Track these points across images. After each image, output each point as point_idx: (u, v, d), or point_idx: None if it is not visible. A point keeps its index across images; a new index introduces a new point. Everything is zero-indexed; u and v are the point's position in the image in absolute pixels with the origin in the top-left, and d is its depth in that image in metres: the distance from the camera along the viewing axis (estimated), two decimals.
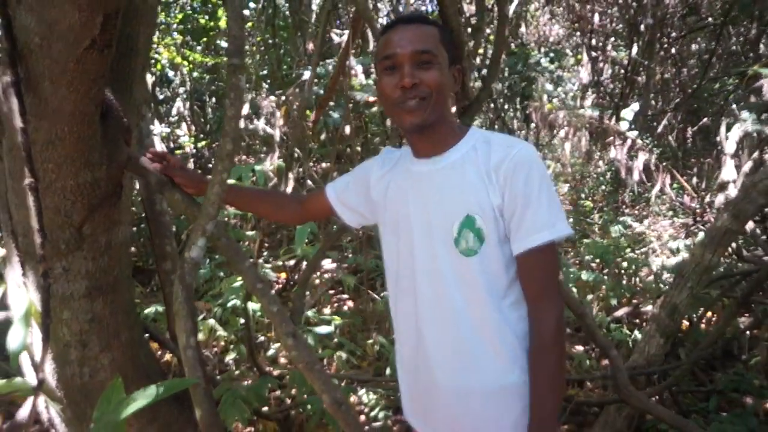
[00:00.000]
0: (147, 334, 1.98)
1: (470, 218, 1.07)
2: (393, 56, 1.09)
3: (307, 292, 3.39)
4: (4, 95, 1.22)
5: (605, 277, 4.10)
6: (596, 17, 6.50)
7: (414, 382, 1.22)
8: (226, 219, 3.53)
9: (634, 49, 7.52)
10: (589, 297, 3.74)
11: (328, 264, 4.68)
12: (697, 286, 2.60)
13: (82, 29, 1.12)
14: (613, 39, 7.09)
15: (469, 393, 1.11)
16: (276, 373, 2.68)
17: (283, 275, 4.59)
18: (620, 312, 3.70)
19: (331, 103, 4.25)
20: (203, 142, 5.36)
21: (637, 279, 4.19)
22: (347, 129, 5.11)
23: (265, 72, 5.73)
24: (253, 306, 2.79)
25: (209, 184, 1.39)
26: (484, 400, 1.10)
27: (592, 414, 2.79)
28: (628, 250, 4.64)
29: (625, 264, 4.26)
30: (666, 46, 8.34)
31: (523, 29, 6.75)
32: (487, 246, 1.06)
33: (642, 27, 7.06)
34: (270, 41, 4.81)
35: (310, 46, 4.51)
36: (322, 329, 2.44)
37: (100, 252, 1.56)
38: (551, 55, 6.46)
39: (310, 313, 2.88)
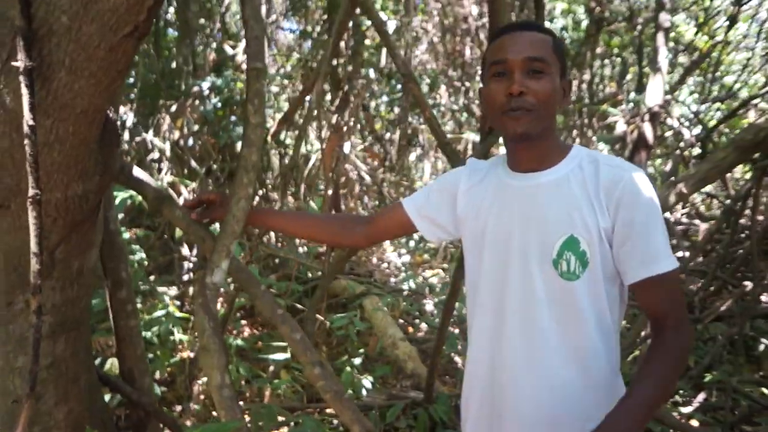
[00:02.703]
0: None
1: (574, 239, 1.02)
2: (504, 62, 1.03)
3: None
4: (4, 83, 0.97)
5: None
6: (468, 51, 7.13)
7: (487, 404, 1.16)
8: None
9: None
10: None
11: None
12: None
13: (128, 12, 0.94)
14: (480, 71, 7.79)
15: (556, 424, 1.06)
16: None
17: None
18: None
19: (233, 118, 4.01)
20: None
21: None
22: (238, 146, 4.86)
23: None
24: (181, 336, 2.50)
25: (233, 199, 1.23)
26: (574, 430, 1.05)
27: None
28: None
29: None
30: None
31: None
32: (591, 271, 1.01)
33: None
34: (153, 51, 4.40)
35: (212, 56, 4.22)
36: (278, 356, 2.25)
37: (70, 280, 1.29)
38: (427, 82, 6.87)
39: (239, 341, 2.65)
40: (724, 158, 2.79)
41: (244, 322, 4.07)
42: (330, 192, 3.92)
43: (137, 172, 1.29)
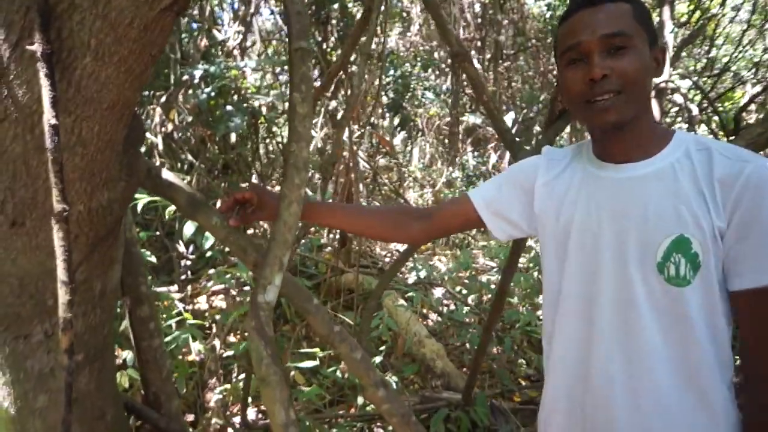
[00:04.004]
0: None
1: (684, 240, 0.88)
2: (577, 46, 0.89)
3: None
4: (15, 73, 0.77)
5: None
6: (461, 32, 6.93)
7: (576, 421, 1.04)
8: None
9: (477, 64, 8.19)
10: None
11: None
12: None
13: None
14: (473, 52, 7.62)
15: None
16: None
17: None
18: None
19: (229, 108, 3.78)
20: None
21: None
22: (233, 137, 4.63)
23: None
24: (198, 346, 2.32)
25: (283, 204, 1.06)
26: None
27: None
28: None
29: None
30: (501, 61, 9.26)
31: (391, 38, 6.88)
32: (703, 275, 0.88)
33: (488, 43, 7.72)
34: None
35: (203, 42, 3.98)
36: (307, 364, 2.09)
37: (92, 304, 1.11)
38: (419, 63, 6.67)
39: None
40: (762, 134, 2.67)
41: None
42: (335, 182, 3.74)
43: (166, 174, 1.11)
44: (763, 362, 0.87)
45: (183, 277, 4.10)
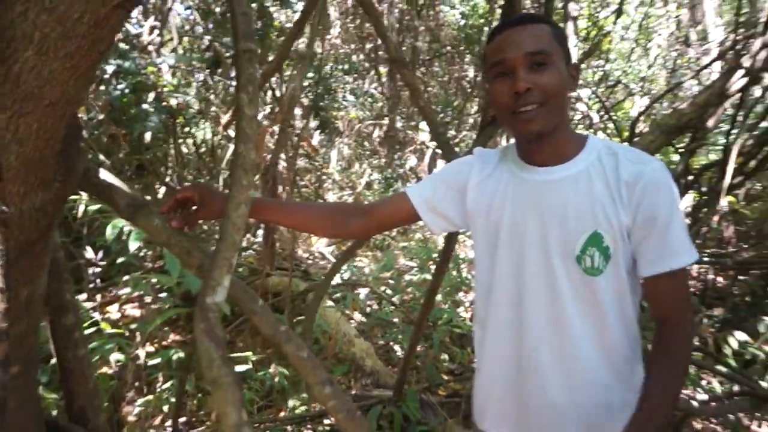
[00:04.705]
0: None
1: (597, 235, 1.00)
2: (503, 61, 1.00)
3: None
4: None
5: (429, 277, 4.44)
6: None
7: (510, 398, 1.13)
8: None
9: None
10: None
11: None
12: None
13: None
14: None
15: (587, 409, 1.06)
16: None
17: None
18: None
19: (145, 106, 3.60)
20: None
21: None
22: (148, 136, 4.43)
23: None
24: (118, 356, 2.19)
25: (231, 205, 1.04)
26: (598, 415, 1.06)
27: None
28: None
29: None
30: (418, 66, 9.54)
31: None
32: (613, 265, 1.01)
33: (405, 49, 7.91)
34: None
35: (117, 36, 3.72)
36: (240, 368, 2.04)
37: (18, 314, 1.03)
38: (343, 66, 6.71)
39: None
40: (652, 141, 2.97)
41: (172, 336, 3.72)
42: (259, 182, 3.67)
43: (104, 175, 1.06)
44: (665, 327, 1.03)
45: (91, 285, 3.85)
